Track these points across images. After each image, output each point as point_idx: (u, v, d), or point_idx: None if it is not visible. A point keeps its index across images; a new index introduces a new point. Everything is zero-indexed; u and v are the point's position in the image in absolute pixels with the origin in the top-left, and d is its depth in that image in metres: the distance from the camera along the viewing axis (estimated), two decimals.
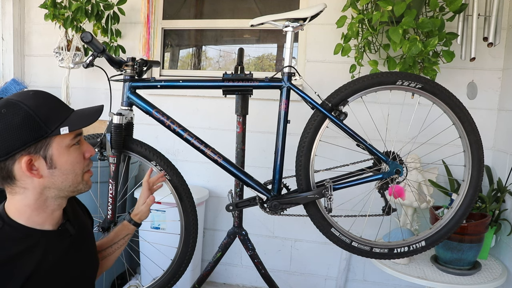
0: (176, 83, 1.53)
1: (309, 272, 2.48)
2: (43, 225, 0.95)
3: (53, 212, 0.97)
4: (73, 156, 0.94)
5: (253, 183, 1.52)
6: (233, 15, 2.61)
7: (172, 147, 2.51)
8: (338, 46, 2.04)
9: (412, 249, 1.55)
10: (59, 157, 0.91)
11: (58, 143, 0.91)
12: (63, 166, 0.92)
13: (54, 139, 0.90)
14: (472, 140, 1.50)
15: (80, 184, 0.97)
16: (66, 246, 0.99)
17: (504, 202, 1.95)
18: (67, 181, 0.94)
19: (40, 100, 0.92)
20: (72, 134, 0.93)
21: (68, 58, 2.46)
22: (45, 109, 0.91)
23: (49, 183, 0.92)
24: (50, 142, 0.90)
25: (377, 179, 1.51)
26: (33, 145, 0.88)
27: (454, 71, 2.13)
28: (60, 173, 0.92)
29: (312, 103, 1.47)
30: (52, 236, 0.96)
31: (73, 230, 1.02)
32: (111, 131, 1.45)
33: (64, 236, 1.00)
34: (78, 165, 0.95)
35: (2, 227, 0.90)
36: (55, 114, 0.91)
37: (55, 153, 0.90)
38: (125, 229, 1.34)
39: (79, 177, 0.96)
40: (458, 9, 1.82)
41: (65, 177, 0.93)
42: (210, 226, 2.57)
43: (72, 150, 0.94)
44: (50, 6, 2.33)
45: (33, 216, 0.93)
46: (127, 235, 1.33)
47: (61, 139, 0.91)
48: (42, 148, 0.89)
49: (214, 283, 2.60)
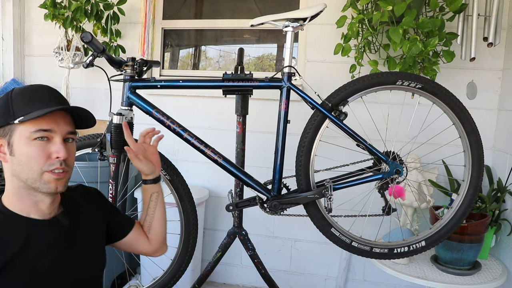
0: (176, 83, 1.53)
1: (309, 272, 2.48)
2: (29, 214, 0.96)
3: (36, 204, 0.96)
4: (31, 150, 0.92)
5: (253, 183, 1.52)
6: (233, 15, 2.61)
7: (172, 147, 2.51)
8: (338, 46, 2.04)
9: (412, 249, 1.55)
10: (18, 146, 0.92)
11: (20, 132, 0.92)
12: (19, 156, 0.92)
13: (18, 126, 0.92)
14: (472, 140, 1.50)
15: (37, 182, 0.93)
16: (56, 237, 0.98)
17: (504, 202, 1.95)
18: (23, 173, 0.93)
19: (28, 90, 0.96)
20: (34, 126, 0.91)
21: (68, 58, 2.46)
22: (23, 97, 0.94)
23: (12, 170, 0.94)
24: (14, 129, 0.92)
25: (377, 179, 1.51)
26: (1, 128, 0.93)
27: (454, 71, 2.13)
28: (17, 162, 0.93)
29: (312, 103, 1.47)
30: (39, 226, 0.96)
31: (66, 222, 1.01)
32: (111, 131, 1.45)
33: (54, 227, 0.99)
34: (34, 161, 0.92)
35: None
36: (28, 104, 0.93)
37: (16, 141, 0.92)
38: (146, 192, 1.27)
39: (35, 173, 0.93)
40: (458, 9, 1.82)
41: (20, 168, 0.93)
42: (210, 226, 2.57)
43: (33, 143, 0.92)
44: (50, 6, 2.33)
45: (15, 202, 0.96)
46: (152, 194, 1.26)
47: (23, 129, 0.91)
48: (8, 133, 0.92)
49: (214, 283, 2.60)
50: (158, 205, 1.26)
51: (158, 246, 1.26)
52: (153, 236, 1.25)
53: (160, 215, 1.26)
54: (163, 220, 1.27)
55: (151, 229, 1.25)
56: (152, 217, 1.25)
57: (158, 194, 1.26)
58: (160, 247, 1.27)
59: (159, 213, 1.26)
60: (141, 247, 1.24)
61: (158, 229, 1.25)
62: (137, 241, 1.23)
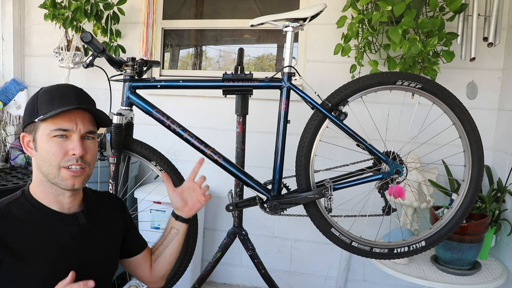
0: (176, 83, 1.53)
1: (309, 272, 2.48)
2: (51, 205, 1.02)
3: (57, 197, 1.02)
4: (50, 146, 0.97)
5: (253, 183, 1.52)
6: (233, 15, 2.61)
7: (172, 147, 2.51)
8: (338, 46, 2.04)
9: (412, 249, 1.55)
10: (40, 142, 0.98)
11: (42, 129, 0.98)
12: (41, 151, 0.99)
13: (40, 124, 0.98)
14: (472, 140, 1.50)
15: (56, 178, 0.99)
16: (74, 232, 1.03)
17: (504, 202, 1.95)
18: (44, 168, 0.99)
19: (53, 90, 1.02)
20: (53, 125, 0.97)
21: (68, 58, 2.46)
22: (48, 97, 1.00)
23: (36, 164, 1.01)
24: (38, 127, 0.99)
25: (377, 179, 1.51)
26: (28, 125, 1.01)
27: (454, 71, 2.13)
28: (39, 157, 0.99)
29: (312, 103, 1.47)
30: (59, 218, 1.02)
31: (84, 221, 1.06)
32: (111, 131, 1.45)
33: (73, 222, 1.04)
34: (53, 157, 0.97)
35: (19, 197, 1.02)
36: (50, 103, 0.98)
37: (39, 137, 0.99)
38: (170, 223, 1.26)
39: (54, 169, 0.98)
40: (458, 9, 1.82)
41: (42, 163, 0.99)
42: (210, 226, 2.57)
43: (52, 140, 0.97)
44: (49, 6, 2.33)
45: (40, 193, 1.02)
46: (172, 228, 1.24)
47: (44, 127, 0.98)
48: (33, 130, 0.99)
49: (214, 283, 2.60)
50: (174, 242, 1.25)
51: (157, 279, 1.27)
52: (157, 267, 1.25)
53: (171, 252, 1.25)
54: (172, 257, 1.26)
55: (159, 259, 1.25)
56: (164, 248, 1.25)
57: (178, 232, 1.25)
58: (157, 280, 1.27)
59: (172, 249, 1.25)
60: (141, 272, 1.25)
61: (164, 263, 1.26)
62: (141, 266, 1.24)
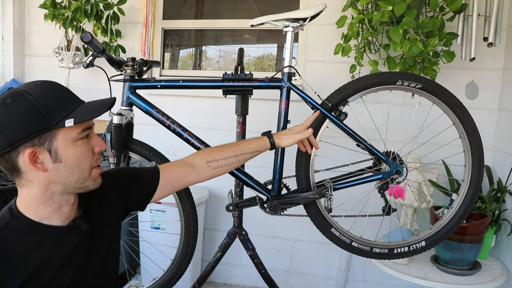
0: (176, 83, 1.53)
1: (309, 272, 2.48)
2: (50, 220, 0.91)
3: (60, 207, 0.92)
4: (79, 150, 0.88)
5: (253, 183, 1.52)
6: (233, 15, 2.61)
7: (172, 147, 2.51)
8: (338, 46, 2.04)
9: (412, 249, 1.55)
10: (64, 151, 0.86)
11: (63, 136, 0.86)
12: (68, 160, 0.87)
13: (59, 131, 0.85)
14: (472, 140, 1.50)
15: (87, 181, 0.91)
16: (76, 243, 0.95)
17: (504, 202, 1.95)
18: (72, 177, 0.89)
19: (47, 90, 0.88)
20: (79, 127, 0.88)
21: (68, 58, 2.46)
22: (51, 99, 0.86)
23: (54, 178, 0.88)
24: (55, 135, 0.85)
25: (377, 179, 1.51)
26: (37, 137, 0.84)
27: (454, 71, 2.13)
28: (65, 167, 0.87)
29: (312, 103, 1.46)
30: (60, 233, 0.92)
31: (85, 227, 0.97)
32: (111, 131, 1.45)
33: (74, 233, 0.95)
34: (85, 160, 0.89)
35: (9, 220, 0.88)
36: (61, 105, 0.86)
37: (61, 146, 0.86)
38: (258, 144, 1.28)
39: (86, 172, 0.90)
40: (458, 9, 1.82)
41: (70, 172, 0.88)
42: (210, 226, 2.57)
43: (79, 143, 0.88)
44: (50, 6, 2.33)
45: (40, 210, 0.90)
46: (256, 151, 1.26)
47: (67, 132, 0.86)
48: (47, 140, 0.85)
49: (214, 283, 2.60)
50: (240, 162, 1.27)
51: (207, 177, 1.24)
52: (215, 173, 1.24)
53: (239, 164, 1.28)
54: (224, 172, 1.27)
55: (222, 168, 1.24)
56: (234, 162, 1.25)
57: (256, 154, 1.29)
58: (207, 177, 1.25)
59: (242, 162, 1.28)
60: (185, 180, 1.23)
61: (225, 170, 1.25)
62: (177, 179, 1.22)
